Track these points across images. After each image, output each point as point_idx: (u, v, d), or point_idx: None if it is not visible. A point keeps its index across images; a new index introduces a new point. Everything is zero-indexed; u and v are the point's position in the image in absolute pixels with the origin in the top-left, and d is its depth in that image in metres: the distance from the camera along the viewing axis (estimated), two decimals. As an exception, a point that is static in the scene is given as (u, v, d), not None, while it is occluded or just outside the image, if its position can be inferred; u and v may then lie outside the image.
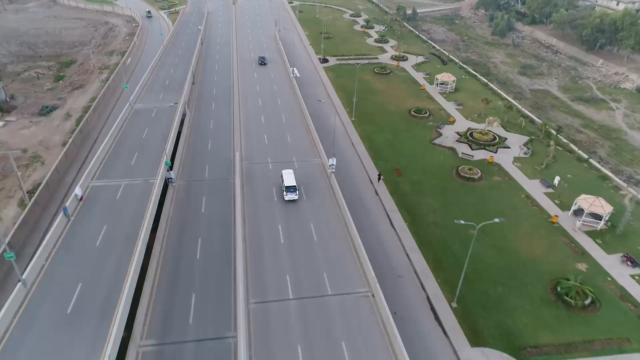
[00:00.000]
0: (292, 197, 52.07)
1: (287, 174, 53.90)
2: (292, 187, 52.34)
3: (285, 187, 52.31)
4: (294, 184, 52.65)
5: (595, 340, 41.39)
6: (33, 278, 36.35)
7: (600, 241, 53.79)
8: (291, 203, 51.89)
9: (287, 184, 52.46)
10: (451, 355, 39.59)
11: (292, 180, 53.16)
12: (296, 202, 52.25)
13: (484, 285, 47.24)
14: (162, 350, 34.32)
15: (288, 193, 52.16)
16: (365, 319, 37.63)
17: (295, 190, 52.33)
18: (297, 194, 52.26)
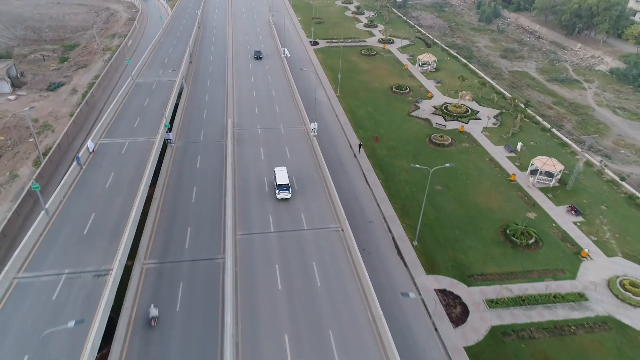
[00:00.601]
0: (285, 195, 49.37)
1: (279, 172, 51.08)
2: (284, 185, 49.40)
3: (277, 185, 49.45)
4: (286, 182, 49.63)
5: (533, 271, 48.32)
6: (54, 209, 43.12)
7: (551, 195, 60.62)
8: (276, 157, 58.43)
9: (279, 182, 49.51)
10: (409, 281, 46.49)
11: (284, 178, 50.11)
12: (281, 154, 58.79)
13: (443, 229, 54.06)
14: (162, 267, 41.15)
15: (281, 191, 49.26)
16: (335, 247, 44.33)
17: (288, 188, 49.42)
18: (289, 192, 49.50)
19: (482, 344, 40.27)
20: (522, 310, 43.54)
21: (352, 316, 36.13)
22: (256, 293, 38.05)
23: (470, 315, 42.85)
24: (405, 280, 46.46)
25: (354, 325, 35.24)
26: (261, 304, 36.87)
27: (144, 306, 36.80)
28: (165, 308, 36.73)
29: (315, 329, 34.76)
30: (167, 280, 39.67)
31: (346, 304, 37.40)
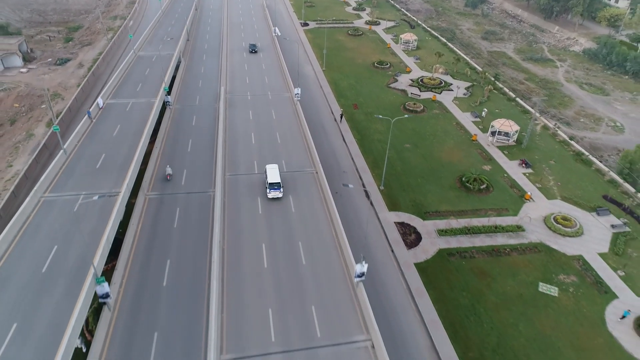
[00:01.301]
0: (276, 194, 47.13)
1: (271, 169, 49.18)
2: (276, 184, 47.21)
3: (268, 184, 47.24)
4: (278, 180, 47.49)
5: (482, 209, 56.17)
6: (70, 150, 50.87)
7: (507, 152, 68.37)
8: (263, 118, 65.96)
9: (270, 181, 47.39)
10: (373, 216, 54.33)
11: (276, 176, 47.96)
12: (268, 115, 66.30)
13: (408, 178, 61.85)
14: (162, 198, 48.94)
15: (272, 190, 46.98)
16: (309, 187, 51.89)
17: (280, 187, 47.21)
18: (281, 192, 47.32)
19: (430, 261, 48.21)
20: (467, 237, 51.43)
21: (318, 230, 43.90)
22: (240, 215, 45.83)
23: (422, 241, 50.78)
24: (371, 217, 54.27)
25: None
26: (244, 223, 44.61)
27: (147, 226, 44.61)
28: (164, 226, 44.56)
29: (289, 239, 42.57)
30: (166, 207, 47.45)
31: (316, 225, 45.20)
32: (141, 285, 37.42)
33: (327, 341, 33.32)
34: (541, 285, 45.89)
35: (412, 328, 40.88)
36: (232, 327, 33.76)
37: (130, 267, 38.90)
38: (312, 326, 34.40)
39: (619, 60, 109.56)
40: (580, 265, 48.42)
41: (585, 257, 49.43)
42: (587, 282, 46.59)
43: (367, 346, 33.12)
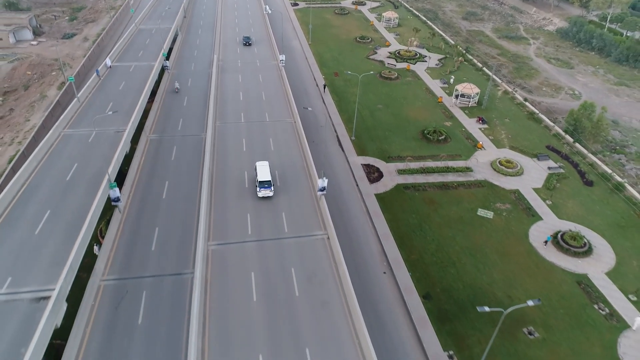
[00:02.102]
0: (267, 193, 45.07)
1: (261, 167, 47.20)
2: (266, 183, 45.08)
3: (258, 182, 45.16)
4: (268, 178, 45.34)
5: (438, 155, 64.89)
6: (82, 99, 59.51)
7: (467, 112, 77.01)
8: (251, 80, 74.35)
9: (260, 179, 45.26)
10: (344, 160, 63.07)
11: (266, 174, 45.81)
12: (255, 78, 74.66)
13: (377, 131, 70.51)
14: (161, 139, 57.53)
15: (262, 189, 44.93)
16: (289, 134, 60.43)
17: (270, 185, 45.21)
18: (272, 190, 45.30)
19: (388, 193, 57.06)
20: (422, 175, 60.25)
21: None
22: (226, 153, 54.47)
23: (384, 178, 59.59)
24: (341, 160, 63.08)
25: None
26: (230, 158, 53.25)
27: (149, 158, 53.21)
28: (163, 159, 53.23)
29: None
30: (165, 145, 56.07)
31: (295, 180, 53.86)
32: (144, 198, 46.14)
33: (293, 234, 42.18)
34: (480, 210, 54.77)
35: (368, 239, 49.76)
36: (218, 221, 42.64)
37: (135, 184, 47.61)
38: (281, 225, 43.25)
39: (586, 38, 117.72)
40: (515, 197, 57.31)
41: (521, 191, 58.29)
42: (519, 208, 55.51)
43: (324, 238, 41.98)
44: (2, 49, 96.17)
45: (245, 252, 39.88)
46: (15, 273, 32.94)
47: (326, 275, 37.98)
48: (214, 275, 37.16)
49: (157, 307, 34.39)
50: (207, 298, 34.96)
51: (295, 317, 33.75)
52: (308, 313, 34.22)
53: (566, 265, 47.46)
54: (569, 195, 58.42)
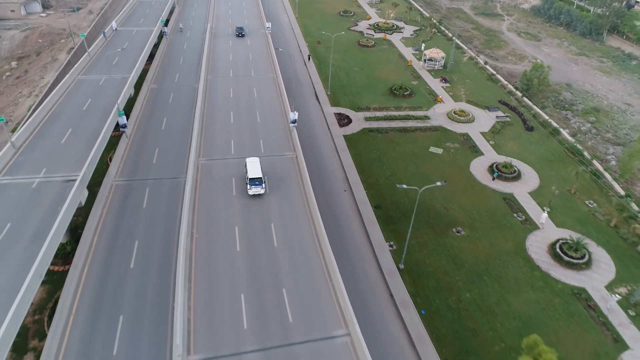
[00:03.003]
0: (258, 191, 42.98)
1: (251, 163, 44.97)
2: (257, 180, 42.97)
3: (249, 180, 42.96)
4: (259, 175, 43.27)
5: (402, 106, 74.40)
6: (92, 53, 68.90)
7: (433, 73, 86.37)
8: (240, 44, 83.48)
9: (251, 176, 43.17)
10: (319, 109, 72.56)
11: (257, 170, 43.69)
12: (244, 43, 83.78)
13: (351, 88, 79.90)
14: (160, 87, 66.90)
15: (252, 186, 42.72)
16: (270, 86, 69.66)
17: (262, 182, 43.07)
18: (263, 187, 43.19)
19: (355, 134, 66.59)
20: (386, 122, 69.79)
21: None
22: (216, 95, 63.78)
23: (352, 123, 69.14)
24: (315, 108, 72.61)
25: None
26: (218, 100, 62.63)
27: (151, 101, 62.59)
28: (162, 101, 62.65)
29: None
30: (163, 93, 65.43)
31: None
32: (147, 128, 55.66)
33: (268, 154, 51.78)
34: (431, 148, 64.43)
35: (333, 167, 59.43)
36: (207, 143, 52.22)
37: (139, 118, 57.18)
38: (259, 147, 52.87)
39: (555, 14, 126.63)
40: (464, 139, 66.94)
41: (469, 134, 67.89)
42: (465, 147, 65.16)
43: (293, 157, 51.60)
44: (15, 20, 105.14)
45: (228, 165, 49.50)
46: (49, 166, 42.70)
47: (291, 181, 47.59)
48: (202, 180, 46.81)
49: (157, 199, 44.15)
50: (196, 196, 44.55)
51: (267, 214, 42.96)
52: (276, 211, 43.55)
53: (497, 187, 57.24)
54: (511, 137, 68.09)
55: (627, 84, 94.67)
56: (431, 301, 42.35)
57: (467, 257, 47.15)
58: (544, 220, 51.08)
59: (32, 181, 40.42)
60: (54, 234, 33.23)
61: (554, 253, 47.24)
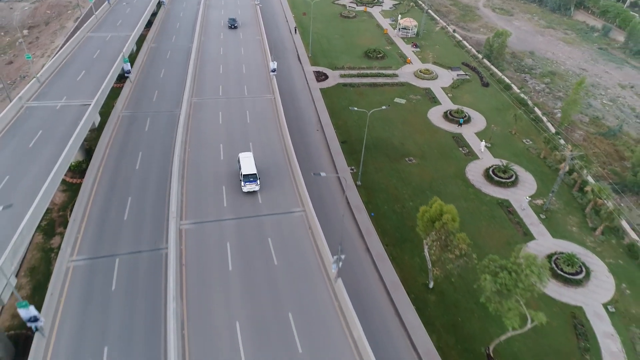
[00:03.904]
0: (253, 187, 41.60)
1: (244, 158, 43.34)
2: (251, 176, 41.49)
3: (243, 176, 41.52)
4: (253, 171, 41.76)
5: (374, 66, 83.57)
6: (99, 17, 77.96)
7: (406, 40, 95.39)
8: (231, 13, 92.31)
9: (245, 172, 41.68)
10: (300, 68, 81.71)
11: (251, 167, 42.11)
12: (234, 13, 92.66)
13: (330, 52, 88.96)
14: (158, 46, 76.02)
15: (247, 183, 41.34)
16: (256, 46, 78.82)
17: (256, 179, 41.58)
18: (258, 184, 41.71)
19: (330, 88, 75.84)
20: (358, 78, 79.01)
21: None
22: (208, 53, 72.87)
23: (328, 79, 78.39)
24: (297, 68, 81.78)
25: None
26: (211, 54, 71.75)
27: (150, 57, 71.74)
28: (160, 58, 71.78)
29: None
30: (160, 52, 74.50)
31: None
32: (147, 77, 64.95)
33: (250, 95, 61.11)
34: (396, 98, 73.78)
35: (309, 113, 68.62)
36: (200, 82, 61.50)
37: (141, 68, 66.46)
38: (243, 89, 62.21)
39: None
40: (425, 92, 76.22)
41: (431, 88, 77.18)
42: (426, 98, 74.49)
43: (271, 99, 60.92)
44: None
45: (217, 103, 58.82)
46: (68, 95, 52.37)
47: (268, 115, 56.94)
48: (194, 113, 56.14)
49: (156, 125, 53.58)
50: (189, 124, 53.84)
51: (247, 138, 52.55)
52: (256, 136, 53.02)
53: (449, 129, 66.69)
54: (467, 91, 77.45)
55: (585, 52, 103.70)
56: (380, 207, 52.02)
57: (414, 179, 56.73)
58: (482, 148, 60.73)
59: (56, 105, 49.91)
60: (76, 137, 42.79)
61: (487, 175, 56.83)
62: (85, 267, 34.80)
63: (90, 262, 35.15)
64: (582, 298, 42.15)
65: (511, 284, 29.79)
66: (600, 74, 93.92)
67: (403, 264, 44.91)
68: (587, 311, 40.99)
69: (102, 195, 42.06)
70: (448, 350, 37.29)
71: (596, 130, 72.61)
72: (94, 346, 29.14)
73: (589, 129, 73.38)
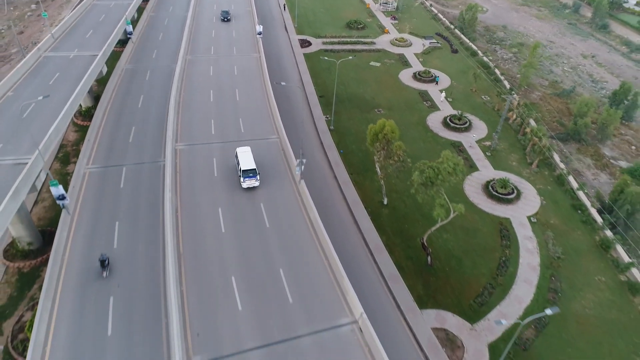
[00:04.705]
0: (252, 183, 40.70)
1: (242, 153, 42.42)
2: (251, 171, 40.61)
3: (242, 172, 40.57)
4: (253, 166, 40.89)
5: (354, 35, 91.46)
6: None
7: (386, 13, 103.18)
8: None
9: (244, 167, 40.76)
10: (287, 37, 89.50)
11: (250, 161, 41.27)
12: None
13: (316, 24, 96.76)
14: (157, 15, 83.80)
15: (246, 179, 40.42)
16: (244, 18, 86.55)
17: (256, 174, 40.75)
18: (258, 179, 40.90)
19: (312, 53, 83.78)
20: (339, 45, 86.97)
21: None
22: (201, 26, 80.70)
23: (312, 46, 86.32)
24: (284, 37, 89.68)
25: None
26: (202, 32, 79.60)
27: (150, 23, 79.60)
28: (160, 22, 79.66)
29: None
30: (159, 19, 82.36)
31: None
32: (147, 39, 72.91)
33: (239, 54, 69.15)
34: (371, 62, 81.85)
35: (293, 74, 76.52)
36: (195, 41, 69.50)
37: (142, 31, 74.43)
38: (232, 50, 70.20)
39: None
40: (399, 57, 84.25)
41: (404, 54, 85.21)
42: (399, 62, 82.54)
43: (257, 57, 68.95)
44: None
45: (209, 61, 66.89)
46: (79, 47, 60.54)
47: (254, 72, 64.98)
48: (187, 68, 64.22)
49: (156, 77, 61.73)
50: (184, 67, 61.95)
51: (233, 84, 60.67)
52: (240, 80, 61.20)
53: (417, 87, 74.85)
54: (437, 57, 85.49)
55: (555, 27, 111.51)
56: (348, 146, 60.37)
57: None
58: (442, 99, 69.04)
59: (69, 55, 58.08)
60: (88, 76, 51.14)
61: (444, 122, 65.12)
62: (99, 173, 43.25)
63: (103, 170, 43.59)
64: (511, 212, 50.65)
65: (433, 176, 38.20)
66: (566, 46, 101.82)
67: (364, 188, 53.32)
68: (513, 221, 49.48)
69: (111, 123, 50.45)
70: (394, 246, 45.79)
71: (552, 92, 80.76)
72: (107, 222, 37.69)
73: (546, 91, 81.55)
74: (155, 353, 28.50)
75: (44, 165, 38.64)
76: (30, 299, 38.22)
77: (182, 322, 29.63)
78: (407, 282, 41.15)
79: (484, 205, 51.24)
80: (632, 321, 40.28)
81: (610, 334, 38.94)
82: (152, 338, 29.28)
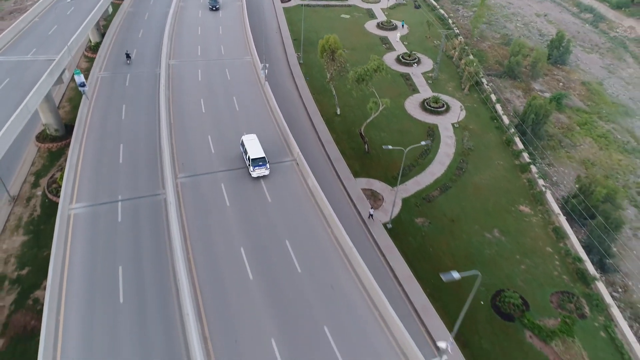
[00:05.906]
0: (263, 172, 39.76)
1: (249, 141, 41.51)
2: (260, 160, 39.57)
3: (251, 160, 39.52)
4: (262, 154, 39.88)
5: (338, 6, 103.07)
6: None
7: None
8: None
9: (253, 156, 39.66)
10: (272, 8, 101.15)
11: (258, 149, 40.36)
12: None
13: None
14: None
15: (256, 167, 39.46)
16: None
17: (265, 162, 39.70)
18: (268, 168, 39.85)
19: (291, 7, 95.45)
20: (315, 1, 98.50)
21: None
22: None
23: (291, 1, 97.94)
24: (271, 11, 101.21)
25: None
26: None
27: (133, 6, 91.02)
28: None
29: None
30: None
31: None
32: (134, 14, 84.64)
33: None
34: (342, 15, 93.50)
35: (272, 24, 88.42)
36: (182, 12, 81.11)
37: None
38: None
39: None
40: (367, 11, 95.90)
41: (372, 8, 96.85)
42: (367, 15, 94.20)
43: (239, 5, 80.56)
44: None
45: (197, 15, 78.60)
46: (88, -7, 72.58)
47: (236, 19, 76.72)
48: (175, 40, 75.94)
49: (149, 33, 73.58)
50: (173, 33, 73.70)
51: (219, 24, 72.55)
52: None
53: (380, 34, 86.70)
54: (401, 12, 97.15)
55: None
56: (314, 75, 72.39)
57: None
58: (397, 38, 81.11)
59: (80, -4, 70.22)
60: (95, 12, 63.12)
61: (398, 59, 77.14)
62: (109, 77, 55.60)
63: (112, 75, 55.95)
64: (440, 120, 62.95)
65: (363, 73, 50.53)
66: (523, 6, 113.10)
67: (323, 103, 65.56)
68: (439, 126, 61.83)
69: (112, 64, 62.74)
70: (341, 141, 58.05)
71: (500, 42, 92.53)
72: (116, 105, 50.19)
73: (495, 41, 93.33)
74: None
75: (68, 63, 50.91)
76: (59, 167, 50.77)
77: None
78: (348, 162, 53.70)
79: (418, 116, 63.59)
80: (516, 188, 52.83)
81: (497, 194, 51.53)
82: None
